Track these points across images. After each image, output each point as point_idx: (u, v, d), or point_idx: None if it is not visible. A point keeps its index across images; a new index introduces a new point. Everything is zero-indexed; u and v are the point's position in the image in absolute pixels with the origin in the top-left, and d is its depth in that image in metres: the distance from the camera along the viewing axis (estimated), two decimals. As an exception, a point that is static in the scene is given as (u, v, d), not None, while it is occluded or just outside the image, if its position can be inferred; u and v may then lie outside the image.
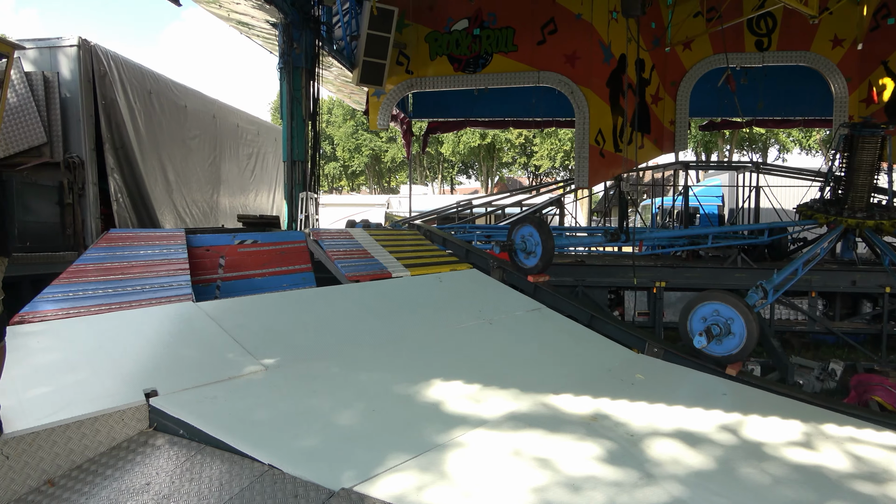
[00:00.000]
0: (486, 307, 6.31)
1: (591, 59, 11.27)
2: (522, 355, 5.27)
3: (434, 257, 7.96)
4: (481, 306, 6.30)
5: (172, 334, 4.38)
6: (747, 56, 11.89)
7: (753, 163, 13.14)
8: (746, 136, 36.19)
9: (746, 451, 3.60)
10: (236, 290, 6.09)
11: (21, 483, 2.95)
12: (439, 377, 4.32)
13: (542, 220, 7.78)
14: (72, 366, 3.68)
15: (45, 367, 3.61)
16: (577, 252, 12.28)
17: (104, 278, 4.93)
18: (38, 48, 8.36)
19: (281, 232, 8.19)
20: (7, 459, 2.91)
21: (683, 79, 12.28)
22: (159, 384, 3.56)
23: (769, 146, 38.27)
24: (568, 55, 11.26)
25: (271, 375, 4.02)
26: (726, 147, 36.71)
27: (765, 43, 11.84)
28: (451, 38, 11.83)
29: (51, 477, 3.02)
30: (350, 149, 46.34)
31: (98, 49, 8.66)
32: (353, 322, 5.31)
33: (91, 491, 2.91)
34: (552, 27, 11.39)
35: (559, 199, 14.98)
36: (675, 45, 11.94)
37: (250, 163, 14.26)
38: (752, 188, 13.03)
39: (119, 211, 9.05)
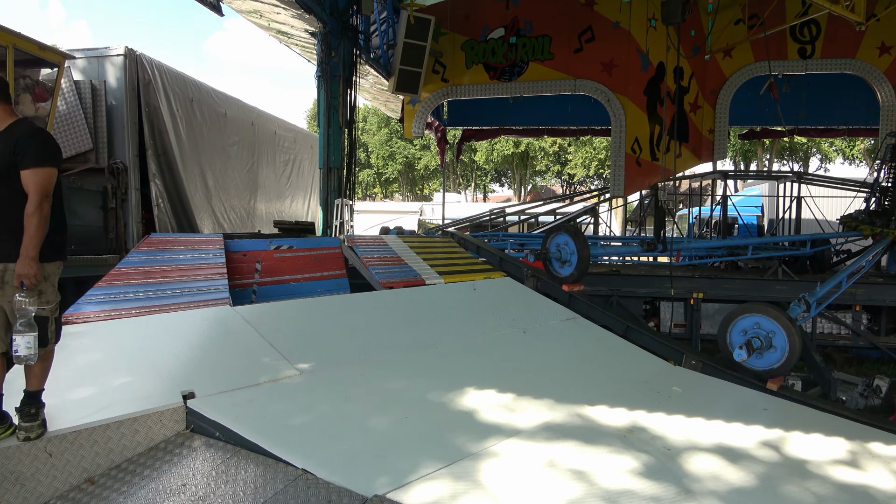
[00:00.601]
0: (519, 316, 6.27)
1: (629, 67, 11.15)
2: (556, 365, 5.21)
3: (467, 265, 7.94)
4: (515, 315, 6.26)
5: (210, 337, 4.44)
6: (790, 64, 11.64)
7: (795, 172, 12.84)
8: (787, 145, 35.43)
9: (789, 468, 3.49)
10: (272, 294, 6.16)
11: (63, 480, 3.01)
12: (472, 385, 4.30)
13: (577, 229, 7.71)
14: (113, 367, 3.76)
15: (88, 367, 3.69)
16: (612, 262, 12.13)
17: (145, 281, 5.03)
18: (87, 58, 8.61)
19: (316, 238, 8.27)
20: (50, 457, 2.98)
21: (723, 87, 12.07)
22: (197, 386, 3.61)
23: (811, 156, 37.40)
24: (605, 63, 11.16)
25: (306, 380, 4.04)
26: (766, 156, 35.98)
27: (808, 50, 11.58)
28: (487, 46, 11.83)
29: (91, 475, 3.08)
30: (384, 156, 46.68)
31: (143, 58, 8.88)
32: (387, 328, 5.32)
33: (129, 490, 2.96)
34: (589, 35, 11.31)
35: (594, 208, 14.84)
36: (716, 52, 11.75)
37: (287, 169, 14.45)
38: (794, 198, 12.72)
39: (160, 215, 9.24)
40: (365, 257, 6.95)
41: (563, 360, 5.35)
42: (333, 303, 5.82)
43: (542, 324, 6.22)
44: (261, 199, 12.99)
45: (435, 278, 6.95)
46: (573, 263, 7.25)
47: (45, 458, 2.97)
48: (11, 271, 2.96)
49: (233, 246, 6.31)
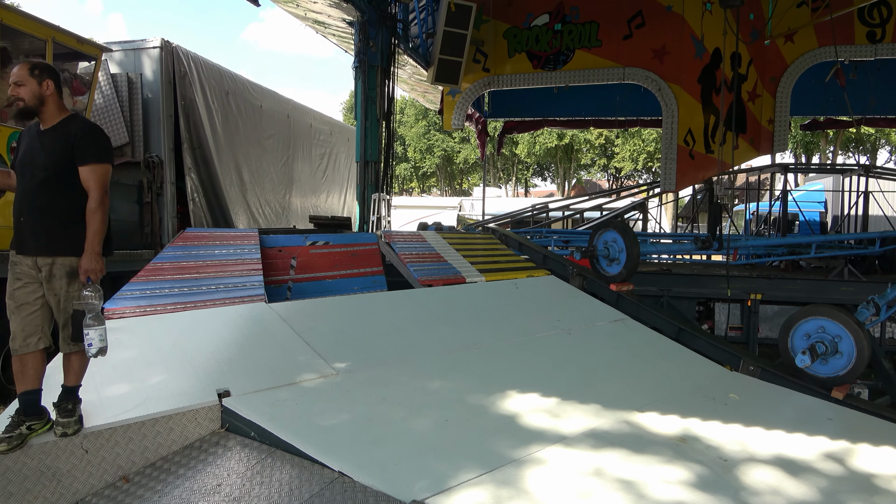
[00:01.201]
0: (564, 316, 6.21)
1: (682, 54, 10.93)
2: (604, 368, 5.14)
3: (509, 262, 7.91)
4: (560, 315, 6.21)
5: (245, 335, 4.51)
6: (858, 49, 11.24)
7: (862, 165, 12.42)
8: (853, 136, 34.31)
9: (855, 483, 3.37)
10: (307, 291, 6.22)
11: (98, 477, 3.09)
12: (515, 388, 4.27)
13: (626, 225, 7.60)
14: (148, 363, 3.85)
15: (123, 363, 3.79)
16: (663, 260, 11.93)
17: (180, 277, 5.14)
18: (124, 50, 8.85)
19: (352, 234, 8.34)
20: (86, 454, 3.06)
21: (784, 74, 11.73)
22: (232, 384, 3.67)
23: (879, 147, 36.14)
24: (656, 50, 10.97)
25: (342, 380, 4.07)
26: (830, 149, 34.91)
27: (878, 34, 11.16)
28: (531, 33, 11.74)
29: (126, 473, 3.16)
30: (422, 149, 46.84)
31: (179, 50, 9.08)
32: (426, 328, 5.33)
33: (164, 489, 3.02)
34: (640, 20, 11.13)
35: (643, 203, 14.60)
36: (776, 37, 11.42)
37: (322, 163, 14.61)
38: (860, 193, 12.30)
39: (195, 210, 9.44)
40: (403, 254, 6.97)
41: (611, 364, 5.28)
42: (370, 301, 5.85)
43: (588, 325, 6.15)
44: (296, 194, 13.16)
45: (475, 276, 6.94)
46: (622, 261, 7.15)
47: (82, 455, 3.05)
48: (59, 265, 3.09)
49: (268, 241, 6.40)
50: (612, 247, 7.29)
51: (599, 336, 5.95)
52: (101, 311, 3.06)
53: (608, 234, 7.40)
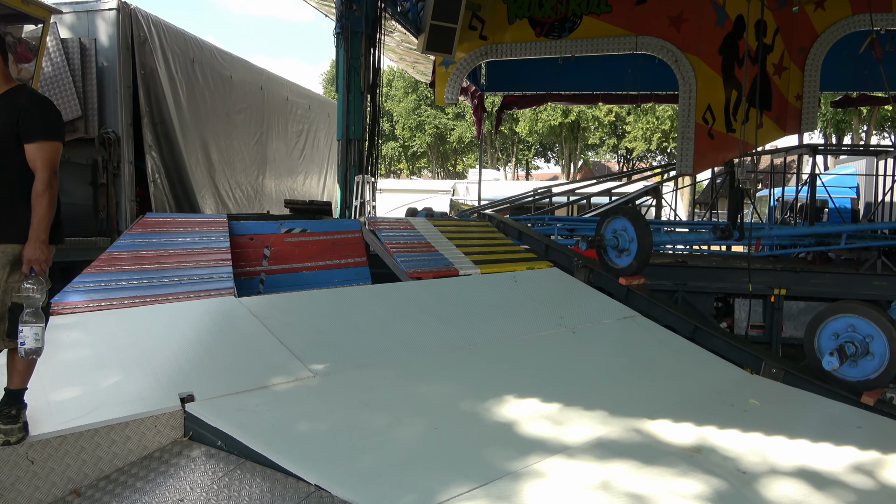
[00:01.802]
0: (568, 313, 6.22)
1: (701, 22, 10.92)
2: (611, 371, 5.16)
3: (508, 253, 7.92)
4: (563, 312, 6.22)
5: (212, 332, 4.49)
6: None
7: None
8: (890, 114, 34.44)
9: (887, 496, 3.41)
10: (282, 284, 6.21)
11: (46, 491, 3.07)
12: (512, 393, 4.28)
13: (637, 213, 7.61)
14: (102, 364, 3.83)
15: (75, 364, 3.76)
16: (678, 251, 11.97)
17: (139, 267, 5.11)
18: (76, 12, 8.74)
19: (333, 220, 8.31)
20: (32, 465, 3.04)
21: (814, 45, 11.73)
22: (196, 388, 3.65)
23: (918, 127, 36.31)
24: (672, 17, 10.95)
25: (320, 383, 4.07)
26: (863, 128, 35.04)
27: (918, 0, 11.18)
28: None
29: (77, 486, 3.14)
30: (411, 126, 46.73)
31: (138, 12, 8.98)
32: (414, 325, 5.33)
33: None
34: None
35: (656, 187, 14.65)
36: (805, 3, 11.42)
37: (300, 141, 14.55)
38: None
39: (156, 193, 9.38)
40: (389, 243, 6.96)
41: (620, 366, 5.30)
42: (352, 295, 5.85)
43: (594, 322, 6.17)
44: (270, 176, 13.11)
45: (470, 268, 6.94)
46: (632, 252, 7.16)
47: (27, 466, 3.03)
48: (0, 253, 3.04)
49: (238, 228, 6.37)
50: (622, 236, 7.30)
51: (607, 335, 5.97)
52: (42, 307, 3.02)
53: (617, 221, 7.41)
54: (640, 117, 38.83)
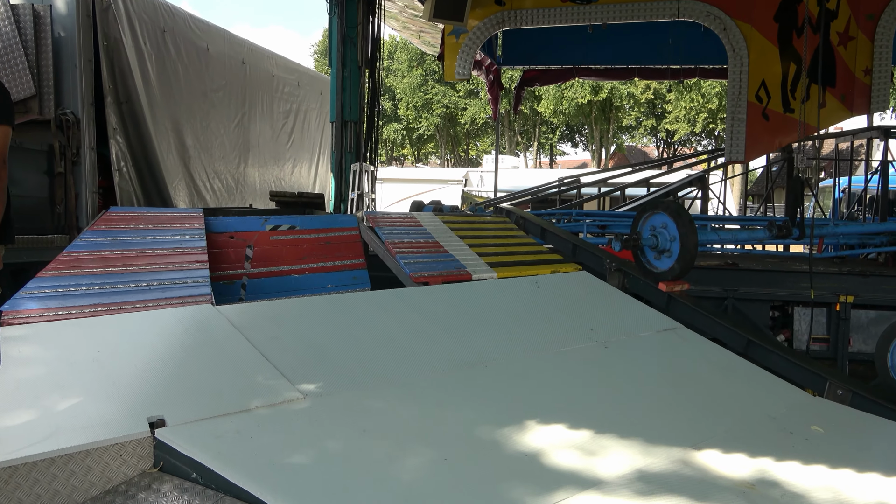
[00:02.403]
0: (599, 324, 6.20)
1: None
2: (650, 392, 5.13)
3: (529, 254, 7.90)
4: (593, 323, 6.19)
5: (186, 346, 4.49)
6: (983, -23, 11.17)
7: None
8: (975, 91, 34.22)
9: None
10: (267, 290, 6.22)
11: (-6, 532, 3.07)
12: (535, 417, 4.26)
13: (680, 207, 7.56)
14: (59, 382, 3.82)
15: (28, 383, 3.76)
16: (727, 251, 11.91)
17: (102, 270, 5.11)
18: (28, -26, 8.77)
19: (326, 216, 8.31)
20: (-22, 501, 3.04)
21: (886, 10, 11.65)
22: (168, 411, 3.64)
23: None
24: (720, -22, 10.90)
25: (311, 406, 4.05)
26: (944, 107, 34.84)
27: None
28: (559, -45, 11.68)
29: (31, 526, 3.14)
30: (416, 106, 46.82)
31: (100, -26, 9.01)
32: (420, 338, 5.32)
33: (80, 547, 3.01)
34: (699, -61, 11.06)
35: (702, 177, 14.57)
36: (876, -38, 11.36)
37: (288, 123, 14.59)
38: None
39: (122, 184, 9.41)
40: (391, 242, 6.95)
41: (660, 386, 5.26)
42: (348, 302, 5.84)
43: (629, 335, 6.14)
44: (253, 163, 13.14)
45: (485, 272, 6.92)
46: (674, 253, 7.12)
47: (-28, 502, 3.03)
48: None
49: (216, 225, 6.38)
50: (662, 234, 7.26)
51: (645, 350, 5.94)
52: None
53: (657, 217, 7.37)
54: (683, 95, 38.73)
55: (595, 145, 45.77)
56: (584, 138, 49.93)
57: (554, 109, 41.99)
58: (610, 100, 41.41)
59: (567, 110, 41.99)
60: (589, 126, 45.88)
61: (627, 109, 43.05)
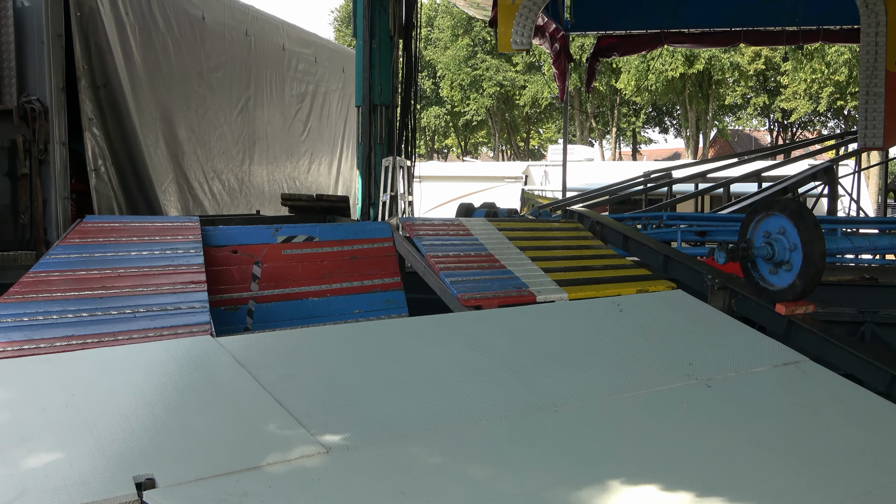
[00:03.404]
0: (700, 358, 6.11)
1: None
2: (767, 446, 5.04)
3: (608, 269, 7.85)
4: (692, 356, 6.11)
5: (180, 388, 4.52)
6: None
7: None
8: None
9: None
10: (279, 317, 6.24)
11: None
12: (619, 477, 4.21)
13: (802, 207, 7.46)
14: (25, 433, 3.87)
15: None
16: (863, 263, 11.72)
17: (76, 294, 5.17)
18: (-15, -68, 8.97)
19: (352, 224, 8.35)
20: (-72, 580, 3.09)
21: None
22: (158, 469, 3.67)
23: None
24: (850, -85, 10.79)
25: (336, 462, 4.05)
26: None
27: None
28: None
29: None
30: (463, 85, 46.92)
31: (71, -70, 9.17)
32: (471, 377, 5.29)
33: None
34: None
35: (828, 168, 14.37)
36: None
37: (303, 109, 14.69)
38: None
39: (100, 187, 9.54)
40: (433, 256, 6.95)
41: (779, 437, 5.16)
42: (381, 332, 5.84)
43: (739, 371, 6.04)
44: (261, 160, 13.27)
45: (553, 292, 6.89)
46: (795, 266, 7.02)
47: (-79, 582, 3.08)
48: None
49: (216, 237, 6.43)
50: (779, 242, 7.16)
51: (759, 390, 5.84)
52: None
53: (772, 220, 7.27)
54: (803, 64, 38.28)
55: (690, 130, 45.44)
56: (675, 122, 49.59)
57: (637, 86, 41.81)
58: (708, 72, 41.09)
59: (654, 87, 41.77)
60: (682, 106, 45.57)
61: (731, 84, 42.67)
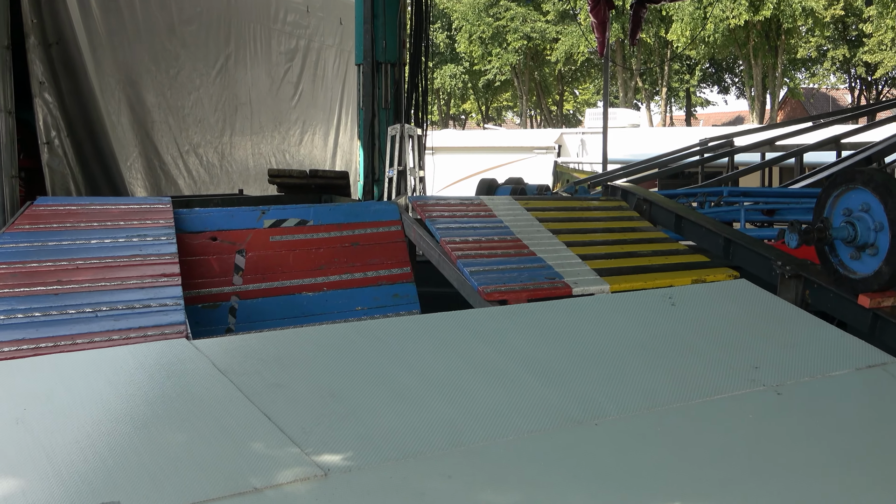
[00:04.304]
0: (768, 359, 6.10)
1: None
2: (851, 465, 5.02)
3: (658, 255, 7.85)
4: (758, 358, 6.10)
5: (150, 401, 4.54)
6: None
7: None
8: None
9: None
10: (267, 315, 6.25)
11: None
12: (673, 502, 4.21)
13: (890, 179, 7.42)
14: (-30, 456, 3.90)
15: (-76, 456, 3.84)
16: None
17: (27, 290, 5.19)
18: None
19: (352, 204, 8.35)
20: None
21: None
22: (126, 496, 3.68)
23: None
24: None
25: (335, 487, 4.05)
26: None
27: None
28: None
29: None
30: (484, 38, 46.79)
31: None
32: (496, 383, 5.30)
33: None
34: None
35: (923, 132, 14.30)
36: None
37: (293, 69, 14.70)
38: None
39: (53, 163, 9.57)
40: (450, 241, 6.94)
41: (866, 453, 5.14)
42: (387, 332, 5.84)
43: (814, 375, 6.02)
44: (244, 129, 13.28)
45: (592, 282, 6.89)
46: (881, 250, 6.99)
47: None
48: None
49: (192, 221, 6.44)
50: (863, 221, 7.13)
51: (839, 397, 5.83)
52: None
53: (854, 195, 7.25)
54: (890, 9, 38.05)
55: (755, 89, 45.22)
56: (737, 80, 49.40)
57: (691, 37, 41.60)
58: (777, 19, 40.88)
59: (712, 38, 41.56)
60: (745, 61, 45.35)
61: (804, 34, 42.45)
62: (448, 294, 6.76)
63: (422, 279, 7.07)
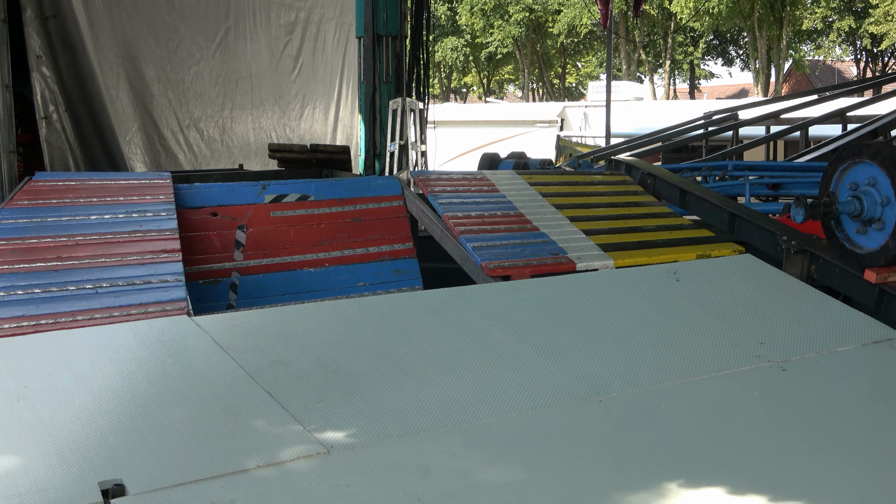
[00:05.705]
0: (773, 335, 6.10)
1: None
2: (857, 442, 5.02)
3: (662, 230, 7.85)
4: (763, 333, 6.10)
5: (152, 379, 4.54)
6: None
7: None
8: None
9: None
10: (268, 291, 6.25)
11: None
12: (676, 480, 4.21)
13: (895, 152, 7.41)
14: (-29, 433, 3.90)
15: (-76, 434, 3.85)
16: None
17: (26, 267, 5.19)
18: None
19: (354, 179, 8.33)
20: None
21: None
22: (129, 473, 3.68)
23: None
24: None
25: (338, 464, 4.05)
26: None
27: None
28: None
29: None
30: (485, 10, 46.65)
31: None
32: (499, 360, 5.30)
33: None
34: None
35: (930, 105, 14.26)
36: None
37: (293, 42, 14.65)
38: None
39: (51, 138, 9.55)
40: (452, 217, 6.94)
41: (870, 430, 5.13)
42: (390, 308, 5.84)
43: (820, 351, 6.02)
44: (244, 104, 13.25)
45: (596, 258, 6.89)
46: (888, 224, 6.98)
47: None
48: None
49: (193, 196, 6.43)
50: (869, 195, 7.12)
51: (845, 373, 5.82)
52: None
53: (860, 169, 7.23)
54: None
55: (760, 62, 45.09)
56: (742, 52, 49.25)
57: (696, 8, 41.47)
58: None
59: (716, 9, 41.42)
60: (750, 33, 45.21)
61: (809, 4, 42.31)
62: (451, 270, 6.76)
63: (424, 255, 7.06)
